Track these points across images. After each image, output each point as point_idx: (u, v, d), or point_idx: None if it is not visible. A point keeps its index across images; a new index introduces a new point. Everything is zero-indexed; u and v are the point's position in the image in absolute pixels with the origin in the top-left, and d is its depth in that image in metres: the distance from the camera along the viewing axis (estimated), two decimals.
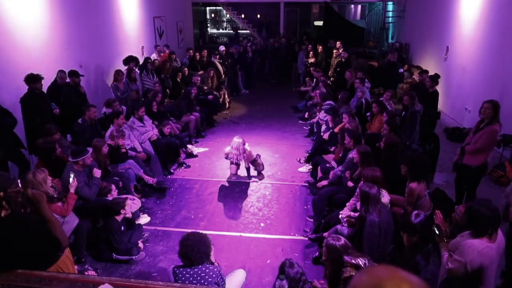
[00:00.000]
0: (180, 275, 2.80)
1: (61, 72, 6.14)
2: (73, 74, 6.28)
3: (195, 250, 2.78)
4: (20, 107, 5.26)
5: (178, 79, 9.13)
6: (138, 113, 6.19)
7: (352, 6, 19.71)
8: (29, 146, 5.42)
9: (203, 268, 2.82)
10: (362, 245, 3.37)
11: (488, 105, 4.28)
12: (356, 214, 3.76)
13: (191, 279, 2.78)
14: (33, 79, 5.22)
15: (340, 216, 4.05)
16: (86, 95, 6.53)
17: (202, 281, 2.78)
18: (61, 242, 2.48)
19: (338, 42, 11.10)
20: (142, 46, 10.14)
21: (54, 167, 4.37)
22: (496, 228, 2.63)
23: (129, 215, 4.27)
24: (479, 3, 7.64)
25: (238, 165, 6.12)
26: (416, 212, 3.01)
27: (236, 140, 5.68)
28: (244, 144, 5.72)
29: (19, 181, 2.53)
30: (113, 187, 4.64)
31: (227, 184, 5.92)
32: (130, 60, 8.06)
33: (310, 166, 6.20)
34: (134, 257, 4.13)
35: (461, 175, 4.77)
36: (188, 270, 2.81)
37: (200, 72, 9.89)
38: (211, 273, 2.82)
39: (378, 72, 11.01)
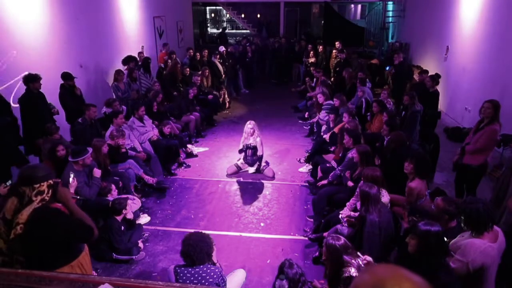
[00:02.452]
0: (181, 274, 2.81)
1: None
2: (67, 77, 6.01)
3: (197, 250, 2.79)
4: (19, 107, 5.24)
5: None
6: (138, 113, 6.18)
7: (352, 6, 19.70)
8: (26, 147, 5.41)
9: (204, 268, 2.82)
10: (362, 245, 3.37)
11: (488, 104, 4.28)
12: (356, 214, 3.76)
13: (192, 278, 2.79)
14: (31, 79, 5.19)
15: (340, 216, 4.05)
16: (82, 96, 6.37)
17: (203, 281, 2.79)
18: (94, 230, 2.59)
19: (337, 43, 11.10)
20: (142, 46, 10.13)
21: (60, 167, 4.37)
22: (493, 222, 2.63)
23: (130, 216, 4.27)
24: (479, 3, 7.63)
25: (237, 167, 6.14)
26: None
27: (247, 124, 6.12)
28: (251, 125, 6.07)
29: None
30: (113, 187, 4.64)
31: (227, 184, 5.92)
32: (129, 60, 8.05)
33: (310, 166, 6.20)
34: (134, 257, 4.13)
35: (461, 175, 4.77)
36: (190, 269, 2.82)
37: (200, 72, 9.89)
38: (212, 273, 2.83)
39: (379, 72, 11.01)
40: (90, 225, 2.55)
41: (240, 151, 6.12)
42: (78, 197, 4.03)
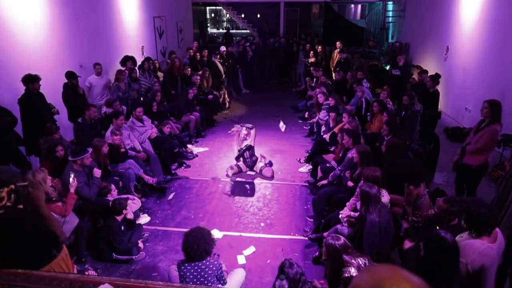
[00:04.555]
0: (183, 267, 2.96)
1: None
2: (71, 75, 6.10)
3: (194, 248, 2.90)
4: (19, 108, 5.24)
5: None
6: (136, 113, 6.18)
7: (352, 6, 19.71)
8: (27, 147, 5.40)
9: (204, 261, 2.95)
10: (362, 245, 3.37)
11: (486, 104, 4.29)
12: (356, 214, 3.76)
13: (192, 271, 2.93)
14: (30, 80, 5.17)
15: (340, 216, 4.05)
16: (85, 95, 6.48)
17: (203, 273, 2.93)
18: (59, 237, 2.45)
19: (338, 43, 11.10)
20: (142, 46, 10.14)
21: (59, 167, 4.37)
22: (493, 227, 2.63)
23: (130, 216, 4.26)
24: (479, 3, 7.63)
25: (239, 168, 6.14)
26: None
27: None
28: (246, 131, 6.09)
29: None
30: (113, 187, 4.64)
31: (227, 184, 5.92)
32: (126, 60, 8.03)
33: (310, 166, 6.20)
34: (134, 257, 4.13)
35: (461, 175, 4.77)
36: (191, 264, 2.95)
37: (200, 72, 9.89)
38: (211, 266, 2.96)
39: (382, 73, 11.00)
40: (54, 231, 2.43)
41: (237, 158, 6.12)
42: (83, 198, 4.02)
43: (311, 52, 11.51)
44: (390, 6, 15.39)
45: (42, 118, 5.27)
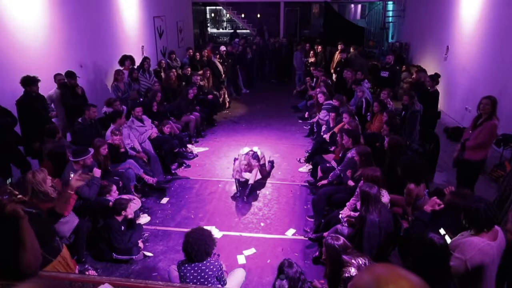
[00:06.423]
0: (183, 268, 2.95)
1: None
2: (69, 75, 6.08)
3: (195, 249, 2.89)
4: (16, 109, 5.19)
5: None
6: (135, 113, 6.19)
7: (352, 5, 19.71)
8: (24, 149, 5.39)
9: (204, 262, 2.95)
10: (362, 245, 3.37)
11: (487, 101, 4.36)
12: (356, 214, 3.76)
13: (192, 271, 2.92)
14: (29, 82, 5.10)
15: (340, 215, 4.05)
16: (85, 95, 6.42)
17: (203, 274, 2.92)
18: (25, 273, 1.92)
19: (339, 45, 11.05)
20: (142, 46, 10.14)
21: (59, 167, 4.37)
22: (492, 223, 2.63)
23: (131, 215, 4.26)
24: (479, 3, 7.64)
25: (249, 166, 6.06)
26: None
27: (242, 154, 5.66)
28: (246, 158, 5.56)
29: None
30: (114, 187, 4.64)
31: (227, 184, 5.92)
32: (124, 59, 8.02)
33: (310, 166, 6.20)
34: (134, 256, 4.13)
35: (462, 172, 4.79)
36: (191, 264, 2.94)
37: (200, 72, 9.89)
38: (211, 267, 2.95)
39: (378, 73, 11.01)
40: (22, 264, 1.92)
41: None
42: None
43: (311, 52, 11.51)
44: (390, 6, 15.40)
45: (41, 120, 5.23)
